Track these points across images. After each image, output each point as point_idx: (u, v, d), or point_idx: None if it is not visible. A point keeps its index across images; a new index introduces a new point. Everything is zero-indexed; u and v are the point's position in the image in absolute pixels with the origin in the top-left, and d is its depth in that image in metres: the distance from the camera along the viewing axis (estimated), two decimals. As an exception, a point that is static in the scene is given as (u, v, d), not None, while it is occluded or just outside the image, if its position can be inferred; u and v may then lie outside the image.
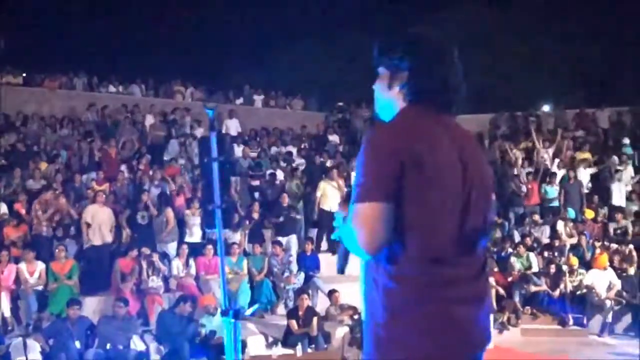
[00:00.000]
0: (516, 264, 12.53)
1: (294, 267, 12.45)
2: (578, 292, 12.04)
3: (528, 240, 13.40)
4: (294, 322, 9.97)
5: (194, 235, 12.49)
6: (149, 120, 18.28)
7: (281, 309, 11.70)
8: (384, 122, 2.22)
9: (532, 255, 12.88)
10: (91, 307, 10.35)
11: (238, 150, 17.52)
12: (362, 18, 29.42)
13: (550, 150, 16.39)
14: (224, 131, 19.22)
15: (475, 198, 2.12)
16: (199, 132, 17.51)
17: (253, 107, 23.34)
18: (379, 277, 2.10)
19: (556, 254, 13.06)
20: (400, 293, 2.06)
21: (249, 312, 9.38)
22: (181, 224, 12.52)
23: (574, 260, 12.37)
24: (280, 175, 15.72)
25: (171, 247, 12.24)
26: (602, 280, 11.85)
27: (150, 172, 14.15)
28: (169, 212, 12.31)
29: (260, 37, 28.77)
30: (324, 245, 13.77)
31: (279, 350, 9.89)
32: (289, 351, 9.68)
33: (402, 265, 2.06)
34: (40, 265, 10.62)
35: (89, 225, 11.51)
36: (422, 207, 2.03)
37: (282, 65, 29.52)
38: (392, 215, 2.01)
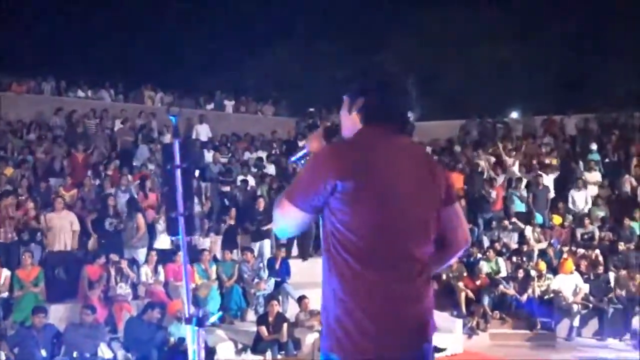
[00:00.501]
0: (485, 268, 12.66)
1: (265, 273, 12.41)
2: (546, 297, 12.18)
3: (497, 245, 13.54)
4: (263, 329, 9.93)
5: (163, 241, 12.38)
6: (118, 125, 18.10)
7: (251, 316, 11.65)
8: (341, 139, 2.56)
9: (501, 260, 13.03)
10: (57, 314, 10.18)
11: (208, 155, 17.43)
12: (333, 25, 29.52)
13: (515, 157, 16.57)
14: (194, 136, 19.14)
15: (417, 208, 2.38)
16: (168, 137, 17.40)
17: (224, 112, 23.26)
18: (328, 279, 2.38)
19: (524, 258, 13.20)
20: (343, 291, 2.32)
21: (211, 320, 9.30)
22: (150, 230, 12.41)
23: (542, 265, 12.51)
24: (251, 181, 15.67)
25: (141, 254, 12.10)
26: (569, 284, 12.01)
27: (120, 178, 14.01)
28: (140, 218, 12.17)
29: (232, 43, 28.70)
30: (295, 251, 13.74)
31: (248, 356, 9.85)
32: (259, 357, 9.66)
33: (344, 268, 2.32)
34: (5, 272, 10.44)
35: (48, 231, 11.34)
36: (364, 218, 2.30)
37: (253, 71, 29.47)
38: (307, 221, 2.40)
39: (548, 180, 15.87)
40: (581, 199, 15.19)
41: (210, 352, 9.44)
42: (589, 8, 27.27)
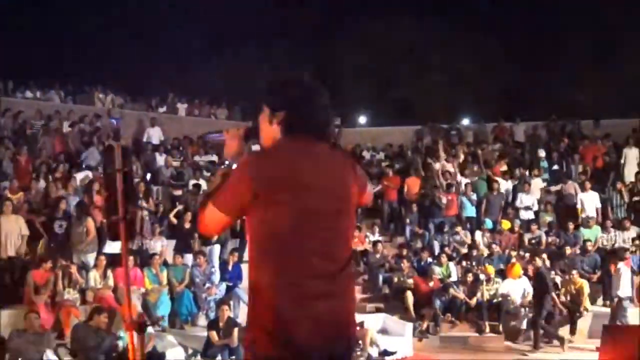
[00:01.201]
0: (437, 272, 12.82)
1: (216, 277, 12.32)
2: (494, 300, 12.36)
3: (448, 250, 13.72)
4: (214, 333, 9.85)
5: (114, 245, 12.16)
6: (67, 127, 17.76)
7: (202, 320, 11.55)
8: (261, 148, 2.71)
9: (451, 264, 13.21)
10: (2, 321, 9.92)
11: (160, 159, 17.23)
12: (286, 28, 29.56)
13: (456, 163, 16.82)
14: (145, 139, 18.90)
15: (334, 211, 2.54)
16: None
17: (176, 115, 23.04)
18: (251, 279, 2.54)
19: (474, 263, 13.40)
20: (263, 291, 2.47)
21: (153, 326, 9.18)
22: (100, 234, 12.18)
23: (491, 270, 12.71)
24: (204, 185, 15.53)
25: (90, 258, 11.88)
26: (516, 288, 12.22)
27: (68, 180, 13.74)
28: (90, 222, 11.94)
29: (185, 45, 28.46)
30: (246, 255, 13.65)
31: (199, 360, 9.76)
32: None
33: (265, 269, 2.47)
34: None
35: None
36: (279, 223, 2.45)
37: (207, 74, 29.28)
38: (227, 224, 2.60)
39: (506, 186, 16.18)
40: (528, 202, 15.50)
41: (159, 358, 9.33)
42: (541, 21, 28.00)
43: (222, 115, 24.10)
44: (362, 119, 30.09)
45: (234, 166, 2.69)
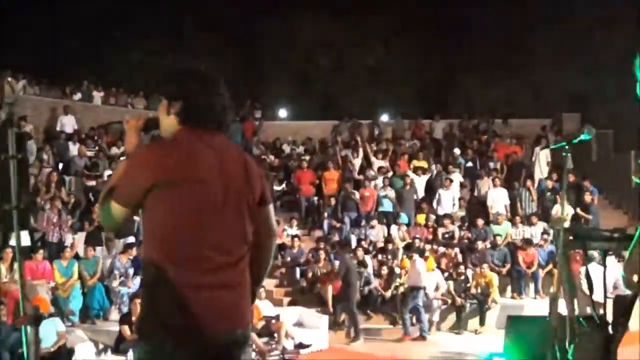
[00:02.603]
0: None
1: (130, 271, 12.06)
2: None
3: (364, 244, 13.89)
4: (126, 328, 9.60)
5: (22, 238, 11.69)
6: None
7: (114, 315, 11.29)
8: (159, 140, 2.72)
9: (367, 257, 13.38)
10: None
11: (74, 148, 16.72)
12: (206, 19, 29.19)
13: (384, 158, 17.08)
14: (58, 128, 18.30)
15: (229, 204, 2.58)
16: (29, 127, 16.54)
17: (92, 104, 22.36)
18: (144, 270, 2.59)
19: (389, 256, 13.63)
20: (156, 282, 2.49)
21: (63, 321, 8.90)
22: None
23: (406, 263, 12.95)
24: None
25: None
26: (430, 281, 12.49)
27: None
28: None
29: (102, 32, 27.69)
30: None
31: (109, 357, 9.53)
32: (121, 358, 9.34)
33: (158, 260, 2.49)
34: None
35: None
36: (175, 213, 2.48)
37: (125, 63, 28.61)
38: (128, 215, 2.56)
39: (420, 181, 16.51)
40: (447, 199, 15.89)
41: (69, 354, 9.07)
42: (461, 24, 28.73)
43: (139, 105, 23.54)
44: (283, 113, 30.10)
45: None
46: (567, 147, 3.20)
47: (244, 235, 2.64)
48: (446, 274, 12.99)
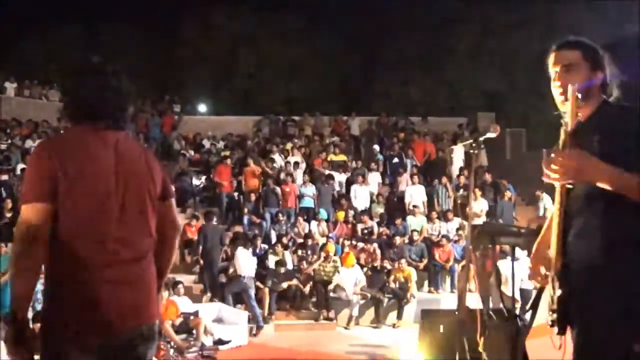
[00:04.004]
0: (272, 260, 12.96)
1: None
2: (328, 288, 12.71)
3: (284, 239, 13.91)
4: (39, 326, 9.31)
5: None
6: None
7: (30, 312, 10.87)
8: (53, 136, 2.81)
9: (287, 253, 13.41)
10: None
11: (-17, 141, 16.06)
12: (124, 10, 28.56)
13: (303, 155, 17.17)
14: (-33, 120, 17.52)
15: (130, 200, 2.57)
16: None
17: (4, 95, 21.53)
18: (48, 265, 2.47)
19: (309, 252, 13.71)
20: (59, 276, 2.45)
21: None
22: None
23: (331, 248, 13.08)
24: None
25: None
26: (349, 277, 12.64)
27: None
28: None
29: (17, 22, 26.66)
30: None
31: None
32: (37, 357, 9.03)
33: (60, 253, 2.44)
34: None
35: None
36: (75, 209, 2.44)
37: (39, 54, 27.65)
38: (49, 211, 2.42)
39: (340, 178, 16.67)
40: (363, 195, 16.11)
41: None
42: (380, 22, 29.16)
43: (54, 97, 22.77)
44: (203, 108, 29.77)
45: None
46: (474, 144, 3.30)
47: (148, 229, 2.63)
48: (365, 269, 13.19)
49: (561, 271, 2.53)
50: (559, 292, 2.51)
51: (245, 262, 12.18)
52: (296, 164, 17.11)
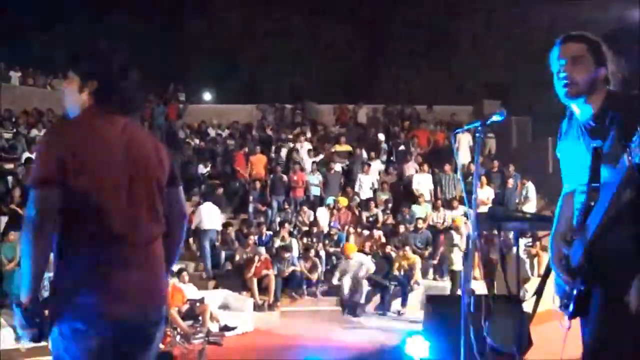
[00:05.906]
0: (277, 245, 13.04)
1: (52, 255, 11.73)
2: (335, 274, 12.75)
3: (288, 227, 13.95)
4: (47, 313, 9.38)
5: None
6: None
7: (35, 300, 10.96)
8: (67, 118, 2.69)
9: (293, 240, 13.45)
10: None
11: (-12, 130, 16.13)
12: (136, 3, 28.56)
13: (310, 143, 17.20)
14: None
15: (139, 183, 2.60)
16: None
17: (9, 84, 21.58)
18: (60, 248, 2.49)
19: (314, 239, 13.75)
20: (72, 259, 2.49)
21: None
22: None
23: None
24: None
25: None
26: (354, 264, 12.67)
27: None
28: None
29: (21, 12, 26.64)
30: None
31: (30, 344, 9.27)
32: (40, 344, 9.10)
33: (72, 238, 2.48)
34: None
35: None
36: (85, 191, 2.45)
37: (44, 43, 27.64)
38: (59, 194, 2.42)
39: (337, 168, 16.71)
40: (367, 183, 16.14)
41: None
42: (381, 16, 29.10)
43: (58, 86, 22.78)
44: (207, 96, 29.75)
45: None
46: (480, 127, 3.31)
47: (156, 214, 2.66)
48: (370, 256, 13.22)
49: (584, 264, 2.54)
50: (581, 286, 2.53)
51: (208, 216, 13.09)
52: (309, 151, 17.11)
